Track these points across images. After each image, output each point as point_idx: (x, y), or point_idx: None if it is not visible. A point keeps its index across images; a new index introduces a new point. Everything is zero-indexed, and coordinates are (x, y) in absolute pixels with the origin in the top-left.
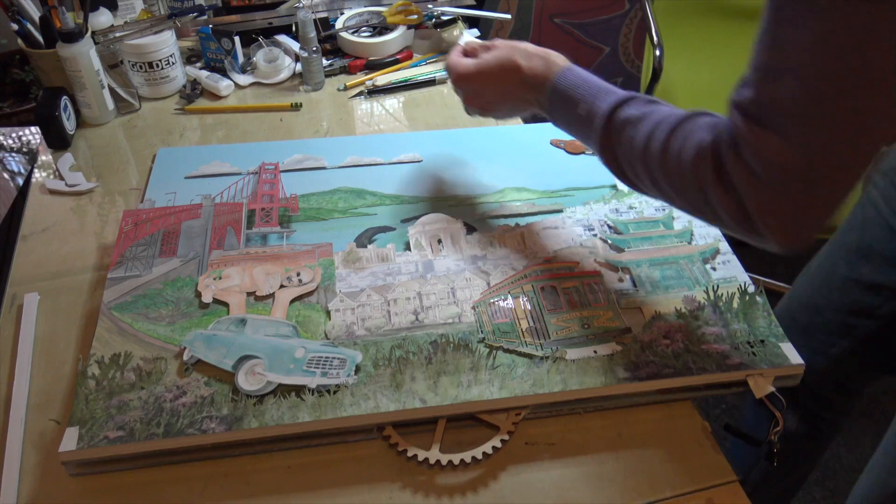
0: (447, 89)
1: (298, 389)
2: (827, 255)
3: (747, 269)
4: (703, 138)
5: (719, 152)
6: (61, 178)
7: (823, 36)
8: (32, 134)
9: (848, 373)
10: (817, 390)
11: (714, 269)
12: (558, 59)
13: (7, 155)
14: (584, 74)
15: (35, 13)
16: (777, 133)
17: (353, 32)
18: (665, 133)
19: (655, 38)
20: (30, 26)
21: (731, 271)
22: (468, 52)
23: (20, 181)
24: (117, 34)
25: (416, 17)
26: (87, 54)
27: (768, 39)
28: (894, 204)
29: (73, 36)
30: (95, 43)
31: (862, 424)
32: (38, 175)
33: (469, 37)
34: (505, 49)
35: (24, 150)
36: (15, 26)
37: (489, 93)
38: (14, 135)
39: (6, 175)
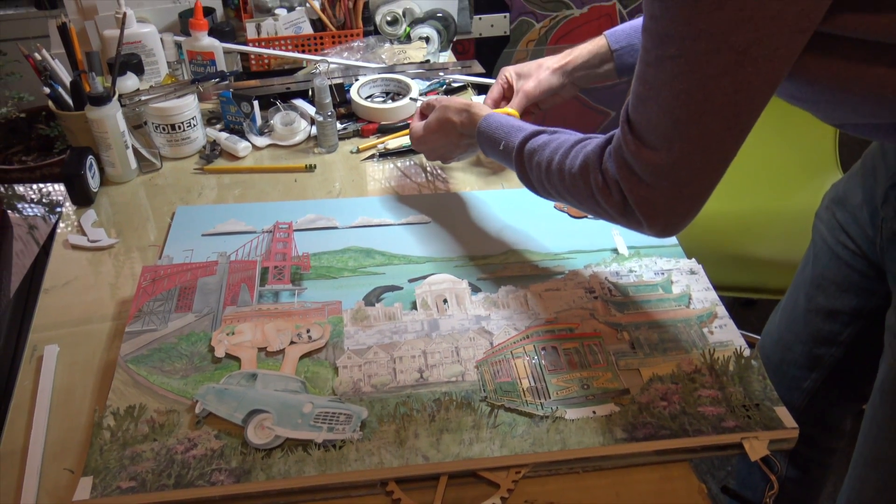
0: None
1: (305, 444)
2: (789, 293)
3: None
4: (588, 155)
5: (604, 163)
6: (84, 234)
7: (675, 76)
8: (56, 190)
9: (823, 406)
10: (799, 429)
11: (711, 332)
12: (479, 110)
13: (31, 208)
14: (501, 118)
15: (66, 77)
16: (648, 142)
17: (366, 98)
18: (561, 155)
19: None
20: (60, 89)
21: (727, 335)
22: (424, 112)
23: (43, 236)
24: (143, 97)
25: None
26: (113, 117)
27: (640, 73)
28: (837, 233)
29: (102, 99)
30: (122, 105)
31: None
32: (61, 228)
33: (416, 89)
34: (439, 109)
35: (46, 201)
36: (47, 90)
37: (439, 146)
38: (38, 190)
39: (30, 230)
